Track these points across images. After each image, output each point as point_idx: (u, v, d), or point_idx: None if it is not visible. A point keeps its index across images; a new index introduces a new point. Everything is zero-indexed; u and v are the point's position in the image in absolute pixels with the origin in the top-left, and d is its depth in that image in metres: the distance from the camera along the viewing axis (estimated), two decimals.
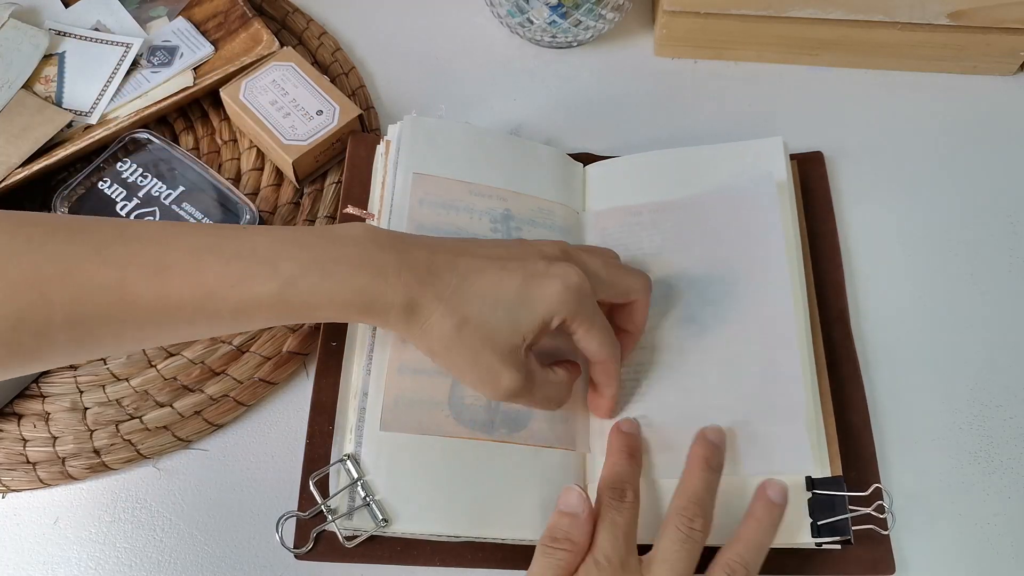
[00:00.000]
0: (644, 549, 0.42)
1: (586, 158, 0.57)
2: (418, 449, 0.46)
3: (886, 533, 0.45)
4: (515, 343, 0.41)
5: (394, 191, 0.52)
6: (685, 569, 0.40)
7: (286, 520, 0.46)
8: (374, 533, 0.45)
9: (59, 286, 0.36)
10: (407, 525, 0.45)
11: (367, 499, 0.45)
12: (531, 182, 0.54)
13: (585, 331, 0.43)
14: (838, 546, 0.45)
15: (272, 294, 0.38)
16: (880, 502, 0.45)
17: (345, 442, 0.47)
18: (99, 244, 0.37)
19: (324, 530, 0.46)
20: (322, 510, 0.46)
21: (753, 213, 0.52)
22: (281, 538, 0.46)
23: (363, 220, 0.53)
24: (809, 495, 0.45)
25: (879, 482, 0.47)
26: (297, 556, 0.46)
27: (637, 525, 0.42)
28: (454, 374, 0.43)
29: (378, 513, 0.44)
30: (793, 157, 0.57)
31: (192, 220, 0.53)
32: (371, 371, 0.47)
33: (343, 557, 0.46)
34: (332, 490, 0.46)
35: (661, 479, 0.46)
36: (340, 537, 0.45)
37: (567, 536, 0.41)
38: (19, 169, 0.55)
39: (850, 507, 0.44)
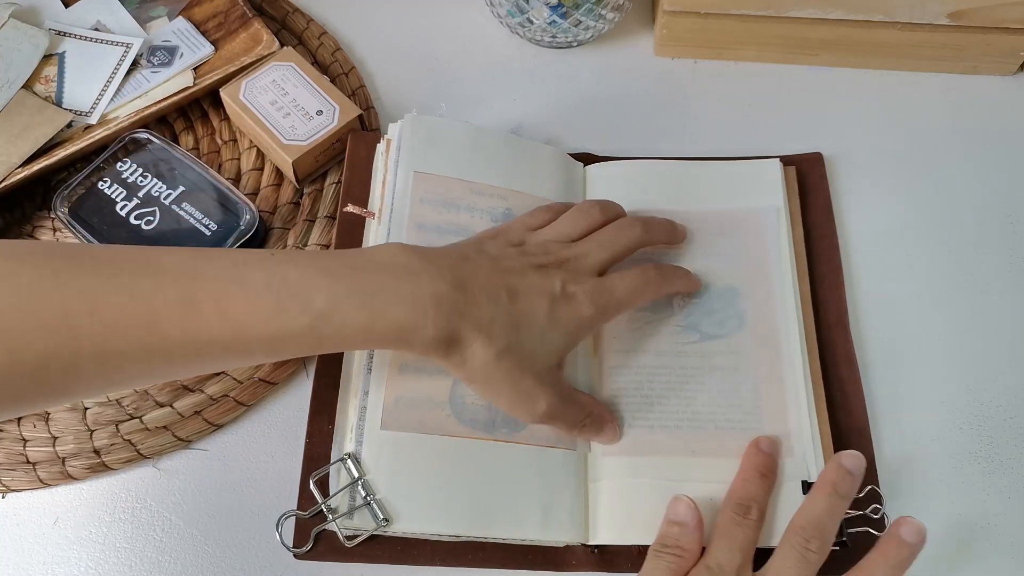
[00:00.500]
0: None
1: (586, 158, 0.57)
2: (419, 448, 0.46)
3: (882, 534, 0.45)
4: (550, 364, 0.42)
5: (395, 190, 0.52)
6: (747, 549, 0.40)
7: (286, 520, 0.46)
8: (375, 532, 0.45)
9: (88, 322, 0.35)
10: (408, 524, 0.45)
11: (368, 498, 0.45)
12: (532, 181, 0.54)
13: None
14: (835, 548, 0.45)
15: (304, 328, 0.37)
16: (876, 504, 0.45)
17: (345, 441, 0.47)
18: (127, 278, 0.36)
19: (324, 529, 0.46)
20: (322, 509, 0.46)
21: (753, 233, 0.53)
22: (281, 538, 0.46)
23: (364, 219, 0.53)
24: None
25: (877, 485, 0.47)
26: (297, 556, 0.46)
27: (756, 544, 0.42)
28: (490, 399, 0.44)
29: (379, 512, 0.44)
30: (792, 159, 0.57)
31: (192, 220, 0.53)
32: (372, 370, 0.47)
33: (343, 557, 0.46)
34: (332, 489, 0.46)
35: (658, 481, 0.46)
36: (340, 537, 0.45)
37: (676, 543, 0.42)
38: (19, 169, 0.55)
39: (846, 510, 0.44)
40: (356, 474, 0.45)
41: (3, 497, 0.50)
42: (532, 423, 0.44)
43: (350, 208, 0.53)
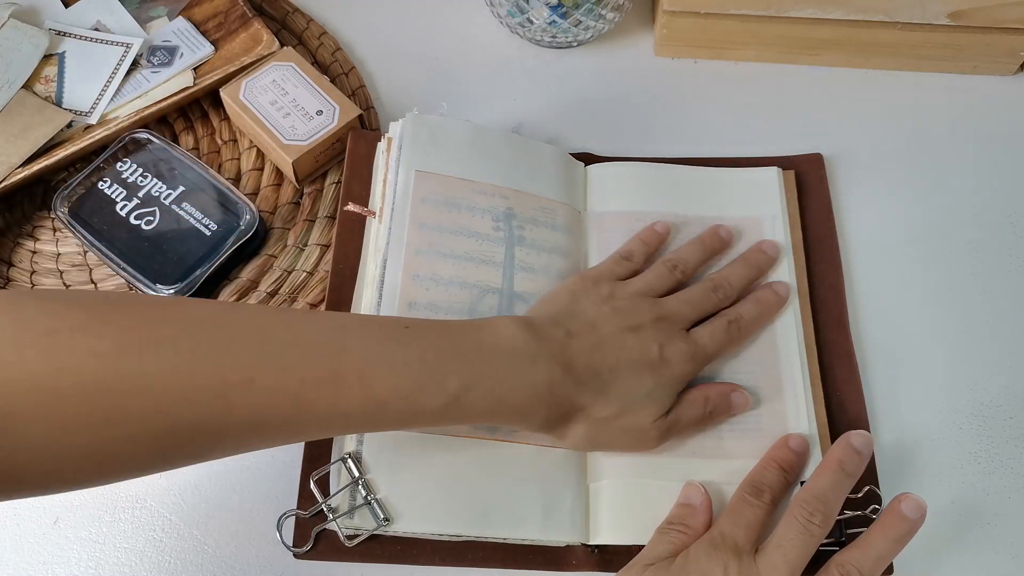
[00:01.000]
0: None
1: (587, 158, 0.57)
2: (420, 448, 0.46)
3: None
4: (659, 414, 0.45)
5: (396, 189, 0.52)
6: (798, 558, 0.40)
7: (286, 519, 0.46)
8: (375, 532, 0.45)
9: (242, 393, 0.36)
10: (408, 524, 0.45)
11: (368, 498, 0.45)
12: (533, 181, 0.54)
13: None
14: (835, 548, 0.45)
15: (437, 408, 0.39)
16: (875, 505, 0.46)
17: (346, 441, 0.47)
18: (277, 349, 0.37)
19: (324, 529, 0.46)
20: (322, 509, 0.46)
21: (751, 240, 0.54)
22: (281, 537, 0.46)
23: (364, 217, 0.53)
24: None
25: (876, 485, 0.47)
26: (297, 555, 0.46)
27: (763, 527, 0.43)
28: (597, 451, 0.47)
29: (379, 512, 0.44)
30: (792, 160, 0.57)
31: (192, 220, 0.53)
32: None
33: (343, 556, 0.46)
34: (333, 489, 0.46)
35: (658, 481, 0.46)
36: (341, 536, 0.45)
37: (682, 521, 0.44)
38: (19, 169, 0.55)
39: (845, 510, 0.44)
40: (356, 473, 0.45)
41: None
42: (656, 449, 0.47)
43: (351, 207, 0.53)
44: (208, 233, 0.53)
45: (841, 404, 0.50)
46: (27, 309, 0.34)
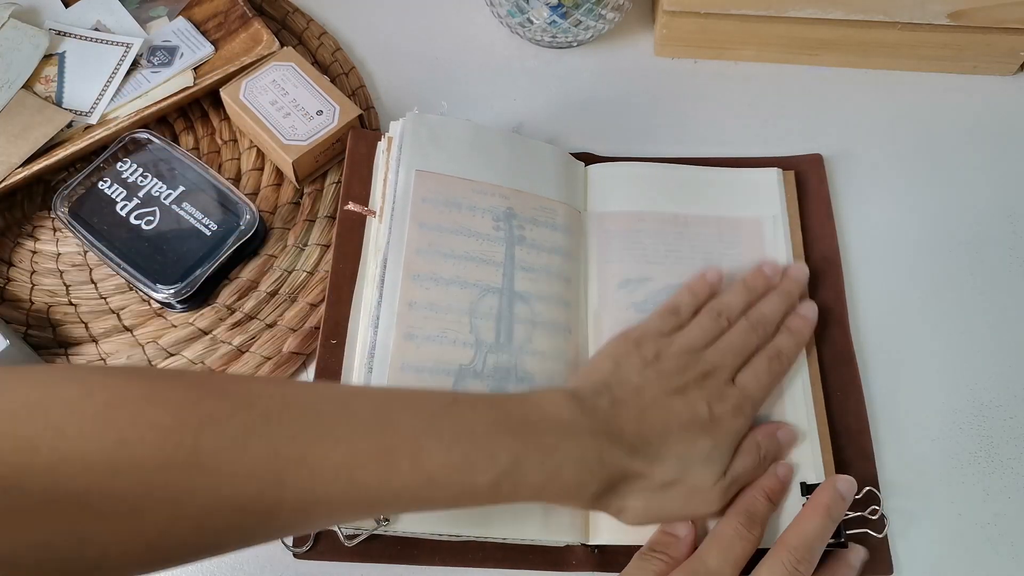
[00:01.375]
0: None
1: (587, 158, 0.57)
2: None
3: (881, 535, 0.46)
4: (719, 474, 0.44)
5: (396, 188, 0.52)
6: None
7: None
8: (374, 532, 0.45)
9: (294, 470, 0.35)
10: (408, 524, 0.45)
11: None
12: (534, 180, 0.54)
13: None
14: (834, 548, 0.45)
15: (487, 484, 0.38)
16: (874, 505, 0.46)
17: None
18: (329, 425, 0.37)
19: (324, 529, 0.46)
20: None
21: (751, 240, 0.54)
22: (282, 537, 0.46)
23: (365, 217, 0.53)
24: (804, 500, 0.45)
25: (876, 486, 0.47)
26: (297, 555, 0.46)
27: (747, 560, 0.42)
28: (656, 523, 0.45)
29: None
30: (792, 161, 0.57)
31: (192, 220, 0.53)
32: (373, 369, 0.47)
33: (343, 556, 0.46)
34: None
35: None
36: (340, 536, 0.45)
37: (664, 550, 0.43)
38: (19, 169, 0.55)
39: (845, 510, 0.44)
40: None
41: None
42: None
43: (351, 206, 0.53)
44: (208, 233, 0.53)
45: (841, 405, 0.50)
46: (88, 381, 0.34)
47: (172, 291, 0.51)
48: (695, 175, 0.56)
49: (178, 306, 0.53)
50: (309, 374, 0.52)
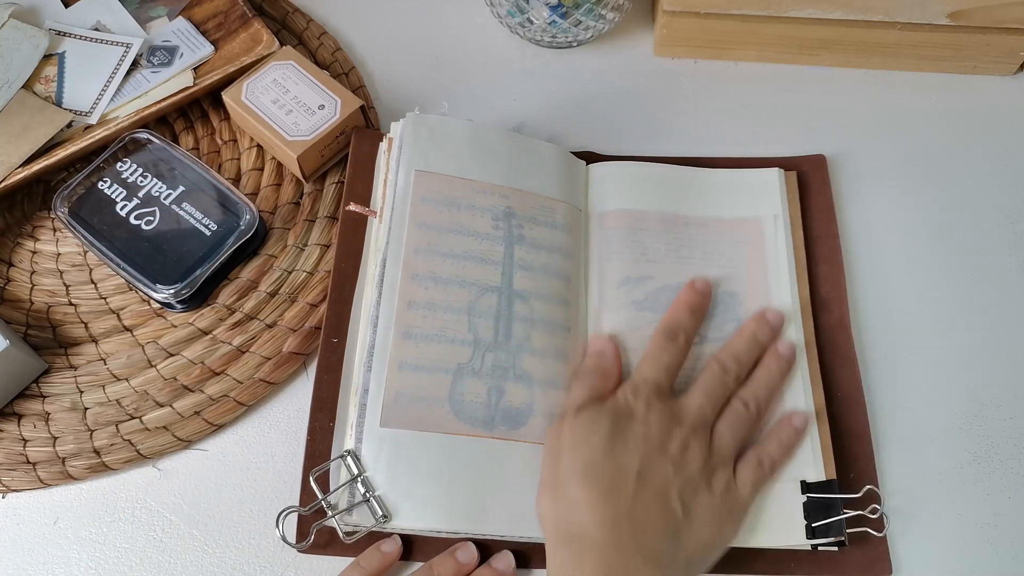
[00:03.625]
0: None
1: (588, 156, 0.57)
2: (418, 445, 0.46)
3: (881, 534, 0.46)
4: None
5: (396, 188, 0.52)
6: (717, 397, 0.46)
7: (286, 515, 0.46)
8: (374, 529, 0.45)
9: None
10: (407, 521, 0.45)
11: (367, 495, 0.45)
12: (533, 179, 0.54)
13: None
14: (834, 548, 0.45)
15: None
16: (874, 504, 0.46)
17: (345, 438, 0.47)
18: None
19: (324, 526, 0.46)
20: (322, 506, 0.46)
21: (752, 241, 0.54)
22: (282, 533, 0.46)
23: (366, 217, 0.53)
24: (804, 498, 0.45)
25: (876, 485, 0.47)
26: (298, 551, 0.46)
27: (679, 368, 0.46)
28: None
29: (378, 509, 0.44)
30: (794, 161, 0.57)
31: (192, 220, 0.53)
32: (372, 367, 0.47)
33: (343, 552, 0.46)
34: (332, 486, 0.46)
35: None
36: (340, 533, 0.45)
37: (598, 367, 0.48)
38: (19, 169, 0.55)
39: (845, 509, 0.44)
40: (355, 471, 0.45)
41: (3, 497, 0.50)
42: None
43: (352, 207, 0.53)
44: (208, 233, 0.53)
45: (842, 405, 0.50)
46: None
47: (172, 291, 0.51)
48: (696, 176, 0.56)
49: (178, 306, 0.53)
50: (309, 374, 0.52)
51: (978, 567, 0.47)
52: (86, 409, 0.51)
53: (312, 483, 0.46)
